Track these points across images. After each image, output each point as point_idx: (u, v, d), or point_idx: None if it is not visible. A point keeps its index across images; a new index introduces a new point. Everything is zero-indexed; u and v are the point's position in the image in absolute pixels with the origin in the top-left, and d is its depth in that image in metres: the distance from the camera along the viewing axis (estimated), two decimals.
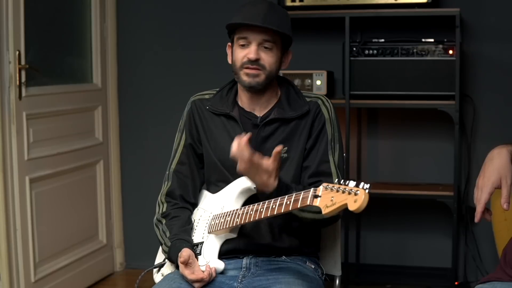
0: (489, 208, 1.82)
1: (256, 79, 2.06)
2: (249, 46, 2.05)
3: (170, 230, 2.10)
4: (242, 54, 2.06)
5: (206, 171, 2.21)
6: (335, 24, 3.53)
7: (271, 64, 2.07)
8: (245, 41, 2.06)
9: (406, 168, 3.76)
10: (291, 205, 1.81)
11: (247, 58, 2.05)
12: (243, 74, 2.07)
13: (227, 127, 2.14)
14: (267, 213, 1.88)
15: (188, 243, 2.05)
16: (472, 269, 3.65)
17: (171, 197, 2.19)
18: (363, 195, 1.59)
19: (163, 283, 2.01)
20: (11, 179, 3.13)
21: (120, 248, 4.08)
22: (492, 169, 1.78)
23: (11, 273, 3.14)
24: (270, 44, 2.06)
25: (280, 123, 2.11)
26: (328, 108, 2.14)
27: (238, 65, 2.08)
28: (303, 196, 1.77)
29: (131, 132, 4.07)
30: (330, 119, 2.13)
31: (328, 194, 1.68)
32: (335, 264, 2.29)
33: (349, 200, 1.62)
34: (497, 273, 1.85)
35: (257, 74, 2.06)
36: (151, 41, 4.00)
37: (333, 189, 1.67)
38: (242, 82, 2.08)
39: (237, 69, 2.09)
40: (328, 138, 2.11)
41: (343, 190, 1.64)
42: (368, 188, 1.60)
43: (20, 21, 3.12)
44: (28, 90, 3.20)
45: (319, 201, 1.70)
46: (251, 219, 1.93)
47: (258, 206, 1.93)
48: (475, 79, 3.60)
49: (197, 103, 2.21)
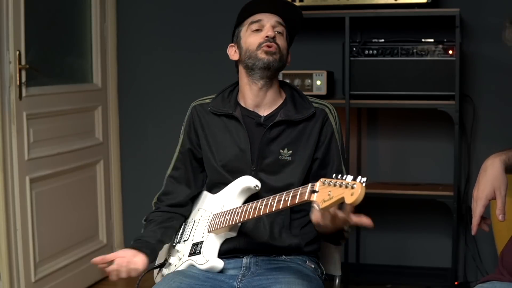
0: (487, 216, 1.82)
1: (274, 56, 2.10)
2: (263, 29, 2.11)
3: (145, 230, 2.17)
4: (257, 38, 2.11)
5: (208, 175, 2.22)
6: (335, 24, 3.53)
7: (284, 48, 2.14)
8: (259, 25, 2.11)
9: (406, 168, 3.76)
10: (289, 201, 1.81)
11: (263, 38, 2.09)
12: (261, 53, 2.10)
13: (229, 127, 2.15)
14: (265, 210, 1.89)
15: (143, 247, 2.09)
16: (472, 269, 3.65)
17: (159, 201, 2.24)
18: (360, 188, 1.59)
19: (163, 283, 2.01)
20: (11, 179, 3.13)
21: (120, 248, 4.08)
22: (485, 181, 1.78)
23: (11, 273, 3.14)
24: (282, 28, 2.13)
25: (286, 126, 2.12)
26: (335, 118, 2.17)
27: (254, 47, 2.11)
28: (301, 191, 1.78)
29: (131, 132, 4.07)
30: (337, 129, 2.16)
31: (325, 188, 1.68)
32: (335, 264, 2.29)
33: (346, 193, 1.62)
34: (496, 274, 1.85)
35: (275, 51, 2.10)
36: (151, 41, 4.00)
37: (331, 184, 1.67)
38: (261, 60, 2.09)
39: (253, 52, 2.11)
40: (338, 148, 2.14)
41: (340, 184, 1.64)
42: (365, 182, 1.61)
43: (20, 21, 3.12)
44: (28, 90, 3.20)
45: (316, 196, 1.70)
46: (249, 217, 1.94)
47: (257, 204, 1.93)
48: (475, 79, 3.60)
49: (197, 108, 2.22)
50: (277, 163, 2.10)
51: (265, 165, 2.10)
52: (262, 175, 2.10)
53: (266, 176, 2.10)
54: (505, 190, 1.77)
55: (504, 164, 1.79)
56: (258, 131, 2.12)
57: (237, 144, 2.12)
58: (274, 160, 2.10)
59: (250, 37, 2.12)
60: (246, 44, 2.12)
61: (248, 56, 2.12)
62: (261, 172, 2.10)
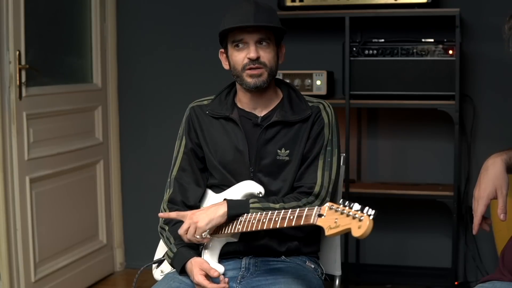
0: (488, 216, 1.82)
1: (261, 78, 2.07)
2: (247, 47, 2.06)
3: (173, 236, 2.09)
4: (241, 57, 2.07)
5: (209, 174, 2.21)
6: (335, 24, 3.53)
7: (271, 60, 2.09)
8: (241, 43, 2.07)
9: (406, 168, 3.76)
10: (294, 220, 1.81)
11: (247, 59, 2.06)
12: (246, 76, 2.08)
13: (227, 129, 2.15)
14: (269, 225, 1.87)
15: (193, 250, 2.05)
16: (472, 269, 3.65)
17: (173, 204, 2.18)
18: (367, 222, 1.58)
19: (163, 282, 2.01)
20: (11, 179, 3.13)
21: (120, 248, 4.08)
22: (487, 180, 1.78)
23: (11, 273, 3.14)
24: (266, 41, 2.08)
25: (282, 126, 2.12)
26: (329, 113, 2.15)
27: (239, 68, 2.08)
28: (307, 213, 1.77)
29: (131, 132, 4.07)
30: (329, 123, 2.13)
31: (332, 215, 1.68)
32: (335, 264, 2.29)
33: (353, 225, 1.61)
34: (496, 274, 1.85)
35: (260, 73, 2.07)
36: (151, 41, 4.00)
37: (338, 211, 1.67)
38: (247, 84, 2.08)
39: (239, 72, 2.09)
40: (324, 142, 2.11)
41: (347, 214, 1.63)
42: (373, 215, 1.59)
43: (20, 21, 3.12)
44: (28, 90, 3.20)
45: (322, 221, 1.70)
46: (252, 228, 1.92)
47: (261, 216, 1.92)
48: (475, 79, 3.60)
49: (195, 109, 2.21)
50: (275, 163, 2.10)
51: (263, 166, 2.10)
52: (260, 176, 2.10)
53: (264, 177, 2.10)
54: (507, 190, 1.77)
55: (506, 163, 1.79)
56: (255, 132, 2.12)
57: (235, 146, 2.12)
58: (272, 161, 2.10)
59: (234, 54, 2.09)
60: (233, 60, 2.11)
61: (235, 74, 2.11)
62: (259, 173, 2.11)
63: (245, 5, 2.08)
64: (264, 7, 2.09)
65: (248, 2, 2.10)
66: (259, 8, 2.07)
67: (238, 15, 2.06)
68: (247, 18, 2.04)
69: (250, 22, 2.03)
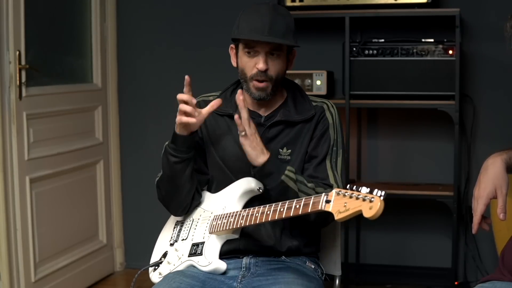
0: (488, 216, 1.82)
1: (265, 92, 2.08)
2: (257, 55, 2.04)
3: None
4: (250, 64, 2.06)
5: (210, 172, 2.21)
6: (335, 24, 3.53)
7: (278, 72, 2.07)
8: (252, 50, 2.05)
9: (406, 168, 3.76)
10: (301, 209, 1.80)
11: (256, 70, 2.05)
12: (252, 87, 2.08)
13: (231, 127, 2.15)
14: (274, 216, 1.87)
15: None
16: (472, 269, 3.65)
17: None
18: (379, 202, 1.58)
19: (163, 282, 2.01)
20: (11, 179, 3.13)
21: (120, 248, 4.08)
22: (486, 179, 1.78)
23: (11, 273, 3.14)
24: (277, 52, 2.06)
25: (285, 126, 2.12)
26: (333, 113, 2.15)
27: (247, 75, 2.08)
28: (314, 200, 1.77)
29: (131, 132, 4.07)
30: (334, 124, 2.13)
31: (340, 199, 1.67)
32: (335, 264, 2.29)
33: (363, 206, 1.60)
34: (496, 274, 1.85)
35: (265, 87, 2.07)
36: (151, 41, 4.00)
37: (346, 195, 1.66)
38: (252, 93, 2.09)
39: (246, 79, 2.09)
40: (330, 143, 2.11)
41: (356, 196, 1.63)
42: (383, 195, 1.59)
43: (20, 21, 3.12)
44: (28, 90, 3.20)
45: (331, 207, 1.69)
46: (257, 221, 1.92)
47: (264, 209, 1.92)
48: (475, 79, 3.60)
49: (201, 104, 2.21)
50: None
51: None
52: None
53: None
54: (507, 189, 1.77)
55: (505, 163, 1.79)
56: (258, 131, 2.12)
57: (238, 144, 2.12)
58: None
59: (243, 58, 2.08)
60: (242, 64, 2.10)
61: (242, 79, 2.11)
62: None
63: (263, 12, 2.04)
64: (281, 15, 2.06)
65: (267, 6, 2.06)
66: (276, 19, 2.03)
67: (254, 22, 2.03)
68: (262, 30, 2.01)
69: (264, 34, 2.00)
